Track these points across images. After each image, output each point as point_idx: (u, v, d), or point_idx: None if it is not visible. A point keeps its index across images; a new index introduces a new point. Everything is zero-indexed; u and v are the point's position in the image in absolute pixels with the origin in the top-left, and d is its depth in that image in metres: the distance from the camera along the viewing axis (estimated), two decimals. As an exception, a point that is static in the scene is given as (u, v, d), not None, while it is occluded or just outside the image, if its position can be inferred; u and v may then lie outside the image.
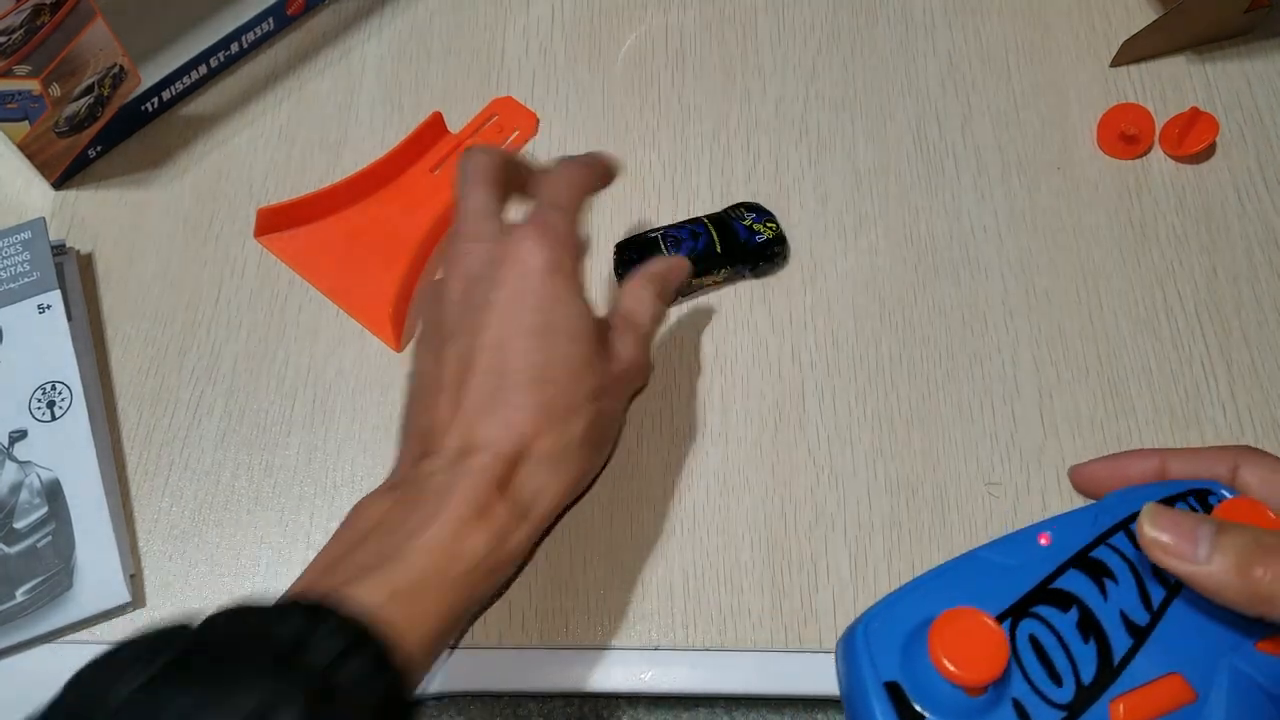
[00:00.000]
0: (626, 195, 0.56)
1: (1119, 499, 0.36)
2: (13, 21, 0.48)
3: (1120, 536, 0.34)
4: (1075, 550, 0.34)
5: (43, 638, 0.46)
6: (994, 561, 0.34)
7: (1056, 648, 0.32)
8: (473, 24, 0.62)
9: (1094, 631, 0.33)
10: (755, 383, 0.51)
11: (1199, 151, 0.56)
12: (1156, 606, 0.33)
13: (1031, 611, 0.33)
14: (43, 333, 0.50)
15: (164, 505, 0.49)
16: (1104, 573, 0.34)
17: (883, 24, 0.61)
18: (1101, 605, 0.33)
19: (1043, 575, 0.34)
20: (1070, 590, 0.33)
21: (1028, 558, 0.34)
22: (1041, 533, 0.35)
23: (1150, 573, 0.34)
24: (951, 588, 0.34)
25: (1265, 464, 0.35)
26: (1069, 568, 0.34)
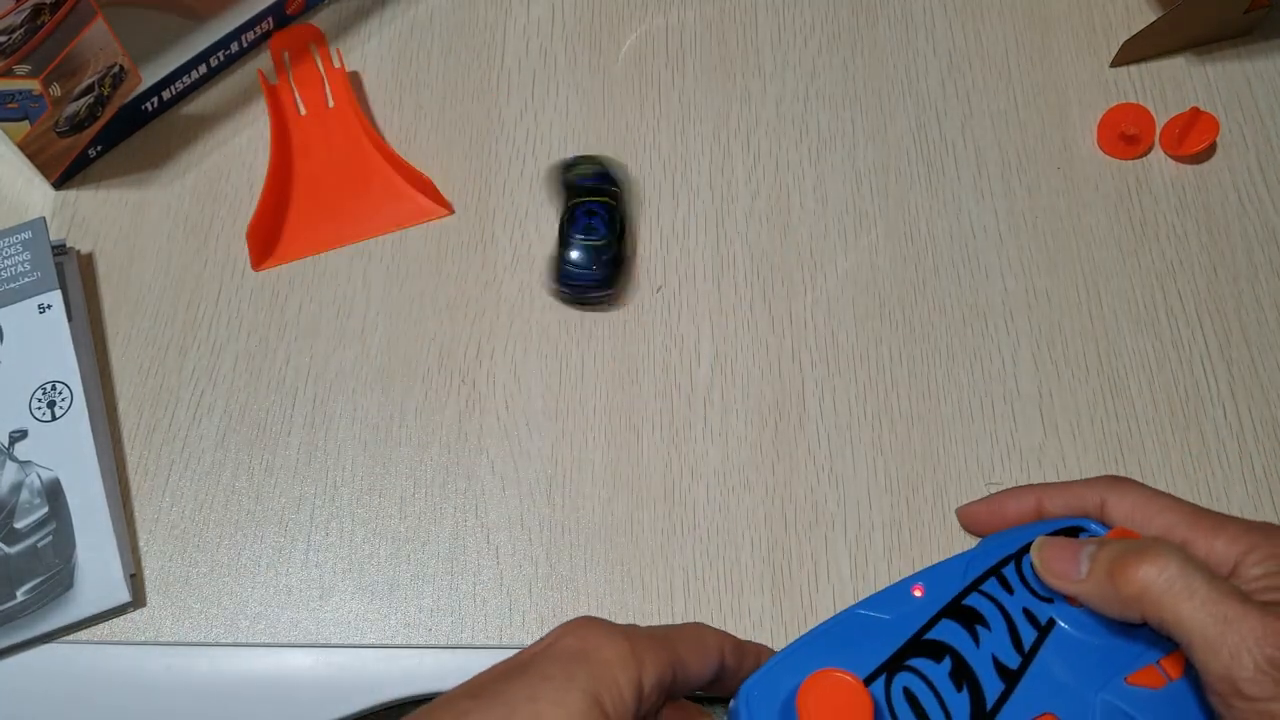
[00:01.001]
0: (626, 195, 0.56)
1: (991, 545, 0.37)
2: (13, 21, 0.48)
3: (992, 582, 0.35)
4: (948, 599, 0.35)
5: (43, 637, 0.46)
6: (870, 618, 0.35)
7: (930, 699, 0.33)
8: (473, 24, 0.62)
9: (967, 679, 0.33)
10: (755, 383, 0.51)
11: (1199, 151, 0.56)
12: (1028, 649, 0.34)
13: (906, 665, 0.34)
14: (43, 333, 0.50)
15: (164, 505, 0.49)
16: (976, 620, 0.35)
17: (883, 24, 0.61)
18: (974, 652, 0.34)
19: (917, 627, 0.35)
20: (943, 640, 0.34)
21: (903, 611, 0.35)
22: (915, 585, 0.36)
23: (1021, 615, 0.35)
24: (829, 648, 0.34)
25: (1130, 494, 0.36)
26: (942, 618, 0.35)
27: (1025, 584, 0.36)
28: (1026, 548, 0.37)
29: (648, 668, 0.30)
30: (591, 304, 0.52)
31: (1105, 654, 0.34)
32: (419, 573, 0.48)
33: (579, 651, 0.31)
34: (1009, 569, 0.36)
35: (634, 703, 0.30)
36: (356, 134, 0.58)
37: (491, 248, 0.55)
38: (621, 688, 0.30)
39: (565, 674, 0.30)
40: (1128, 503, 0.36)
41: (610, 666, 0.30)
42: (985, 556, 0.36)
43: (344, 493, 0.50)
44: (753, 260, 0.54)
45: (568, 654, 0.31)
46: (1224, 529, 0.34)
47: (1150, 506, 0.36)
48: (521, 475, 0.50)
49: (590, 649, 0.30)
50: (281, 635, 0.47)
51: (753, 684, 0.34)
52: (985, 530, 0.42)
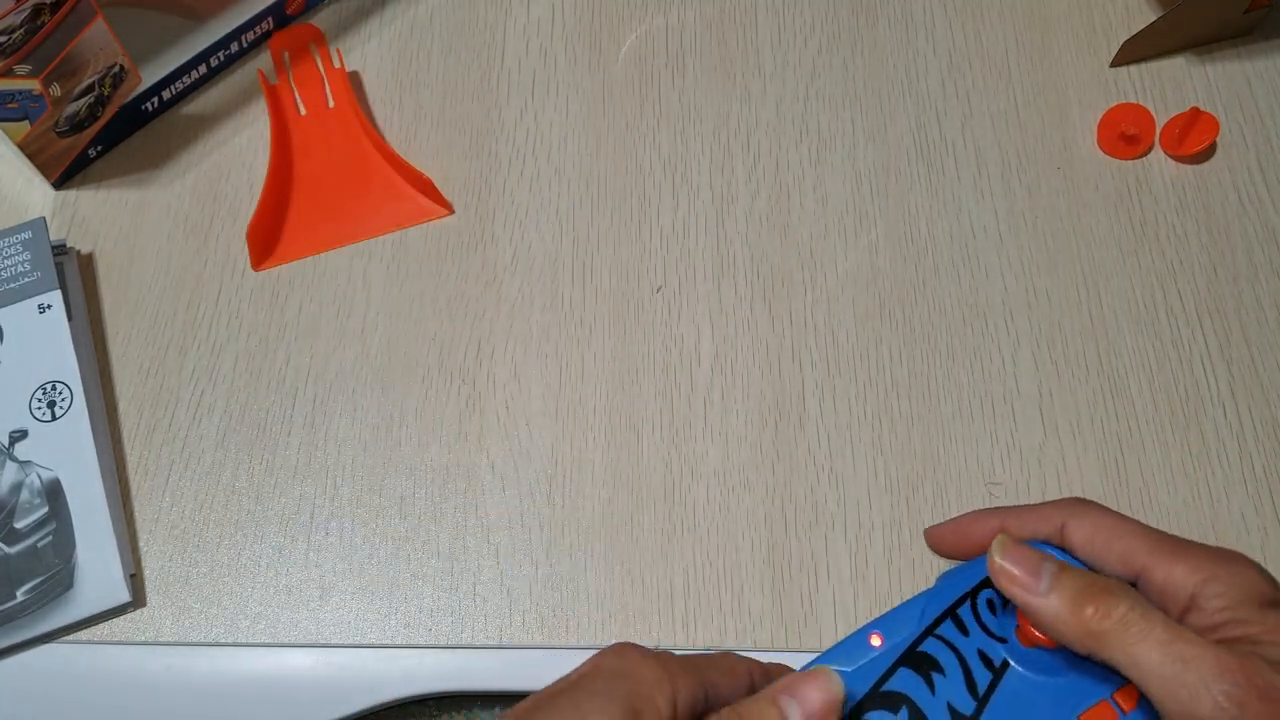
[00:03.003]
0: (626, 195, 0.56)
1: (946, 584, 0.37)
2: (13, 21, 0.48)
3: (948, 625, 0.36)
4: (904, 647, 0.35)
5: (43, 637, 0.46)
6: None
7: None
8: (473, 24, 0.62)
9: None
10: (755, 383, 0.51)
11: (1199, 151, 0.56)
12: (982, 692, 0.34)
13: (863, 716, 0.35)
14: (43, 333, 0.50)
15: (164, 505, 0.49)
16: (932, 666, 0.35)
17: (883, 24, 0.61)
18: (929, 700, 0.34)
19: (875, 679, 0.35)
20: (900, 691, 0.35)
21: (862, 661, 0.35)
22: (873, 633, 0.36)
23: (976, 658, 0.35)
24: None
25: (1089, 518, 0.36)
26: (899, 667, 0.35)
27: (980, 624, 0.36)
28: (981, 585, 0.37)
29: (681, 688, 0.33)
30: None
31: (1058, 692, 0.34)
32: (419, 573, 0.48)
33: (619, 671, 0.33)
34: (964, 609, 0.36)
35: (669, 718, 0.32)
36: (356, 134, 0.58)
37: (491, 248, 0.55)
38: (658, 704, 0.32)
39: (607, 690, 0.32)
40: (1087, 526, 0.36)
41: (648, 684, 0.32)
42: (940, 598, 0.37)
43: (344, 493, 0.50)
44: (753, 260, 0.54)
45: (609, 673, 0.33)
46: (1183, 557, 0.34)
47: (1110, 531, 0.36)
48: (521, 475, 0.50)
49: (629, 668, 0.33)
50: (281, 635, 0.47)
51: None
52: (950, 551, 0.42)
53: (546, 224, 0.56)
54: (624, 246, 0.55)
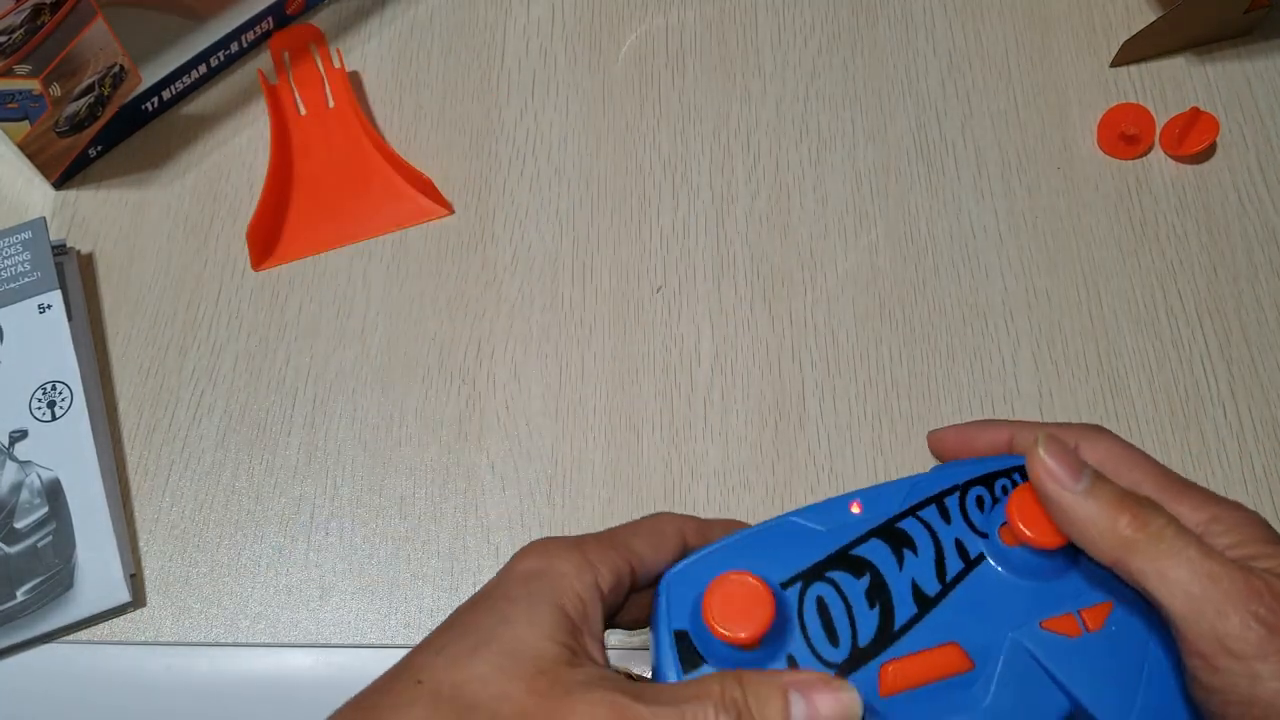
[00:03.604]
0: (626, 195, 0.56)
1: (943, 472, 0.36)
2: (13, 21, 0.48)
3: (931, 509, 0.35)
4: (883, 520, 0.35)
5: (43, 637, 0.46)
6: (803, 526, 0.35)
7: (841, 611, 0.33)
8: (473, 24, 0.62)
9: (881, 598, 0.34)
10: (755, 383, 0.51)
11: (1199, 151, 0.56)
12: (950, 579, 0.34)
13: (826, 576, 0.34)
14: (43, 333, 0.50)
15: (164, 505, 0.49)
16: (906, 543, 0.35)
17: (883, 24, 0.61)
18: (895, 574, 0.34)
19: (845, 542, 0.35)
20: (868, 558, 0.34)
21: (836, 524, 0.35)
22: (854, 501, 0.35)
23: (952, 545, 0.35)
24: (757, 550, 0.35)
25: (1103, 444, 0.36)
26: (873, 537, 0.35)
27: (965, 516, 0.35)
28: (976, 481, 0.36)
29: (603, 571, 0.32)
30: None
31: (1027, 595, 0.34)
32: (419, 573, 0.48)
33: (536, 570, 0.32)
34: (953, 499, 0.36)
35: (596, 605, 0.32)
36: (356, 134, 0.58)
37: (491, 248, 0.55)
38: (580, 594, 0.31)
39: (528, 592, 0.31)
40: (1100, 450, 0.36)
41: (567, 577, 0.31)
42: (932, 483, 0.36)
43: (344, 493, 0.50)
44: (753, 260, 0.54)
45: (526, 574, 0.32)
46: (1189, 495, 0.34)
47: (1121, 459, 0.35)
48: (521, 475, 0.50)
49: (545, 566, 0.32)
50: (281, 635, 0.47)
51: (675, 574, 0.34)
52: (948, 456, 0.41)
53: (546, 224, 0.56)
54: (624, 246, 0.55)
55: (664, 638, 0.34)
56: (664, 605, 0.34)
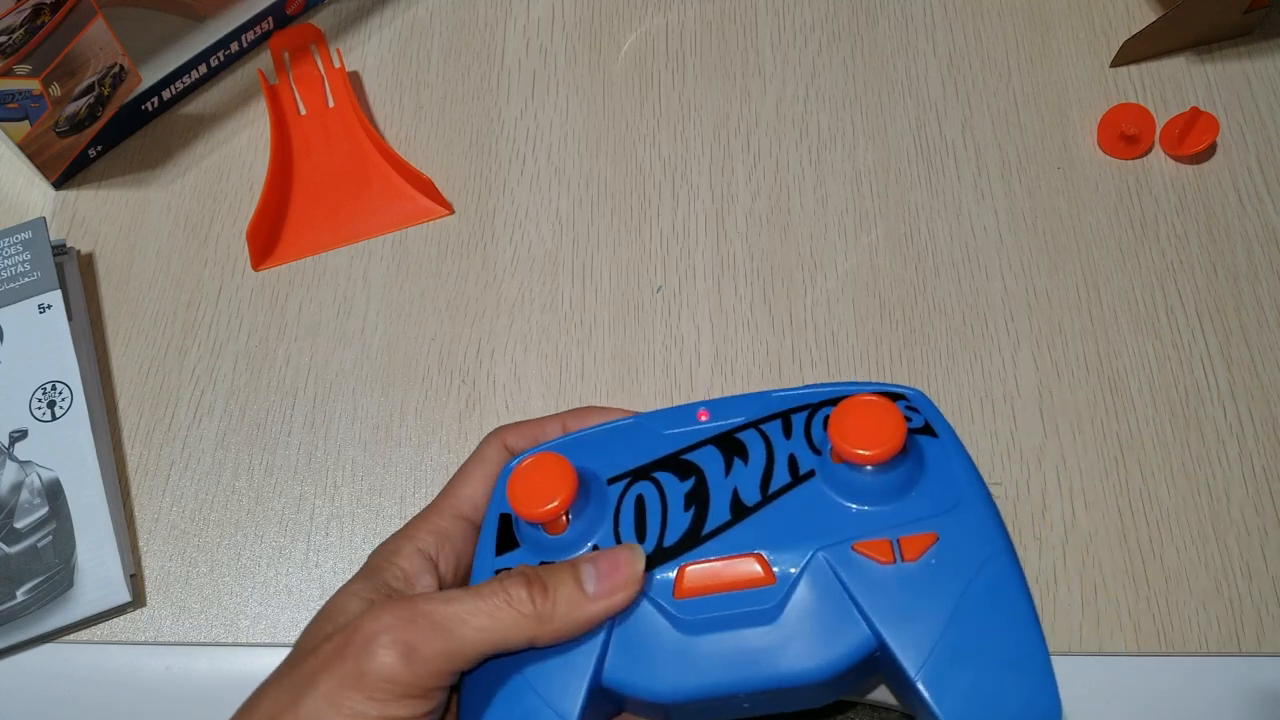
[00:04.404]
0: (626, 195, 0.56)
1: (798, 391, 0.36)
2: (13, 21, 0.48)
3: (775, 424, 0.35)
4: (725, 429, 0.35)
5: (43, 637, 0.46)
6: (649, 429, 0.35)
7: (655, 511, 0.33)
8: (473, 24, 0.62)
9: (697, 502, 0.33)
10: (755, 383, 0.51)
11: (1199, 151, 0.56)
12: (772, 490, 0.33)
13: (651, 476, 0.34)
14: (43, 333, 0.50)
15: (164, 505, 0.49)
16: (739, 452, 0.34)
17: (883, 24, 0.61)
18: (720, 481, 0.34)
19: (682, 445, 0.34)
20: (696, 463, 0.34)
21: (681, 429, 0.35)
22: (702, 410, 0.35)
23: (784, 460, 0.34)
24: (596, 447, 0.35)
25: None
26: (709, 444, 0.34)
27: (808, 433, 0.35)
28: (829, 403, 0.35)
29: (422, 537, 0.35)
30: None
31: (848, 517, 0.33)
32: (419, 573, 0.48)
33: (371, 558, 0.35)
34: (800, 415, 0.35)
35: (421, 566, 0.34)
36: (356, 134, 0.58)
37: (491, 248, 0.55)
38: (400, 564, 0.34)
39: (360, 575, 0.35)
40: None
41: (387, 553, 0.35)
42: (786, 400, 0.35)
43: (344, 493, 0.50)
44: (753, 260, 0.54)
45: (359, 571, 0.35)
46: None
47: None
48: (521, 475, 0.50)
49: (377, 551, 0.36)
50: (281, 635, 0.47)
51: (515, 464, 0.35)
52: None
53: (546, 224, 0.56)
54: (624, 246, 0.55)
55: (490, 519, 0.35)
56: (497, 490, 0.35)
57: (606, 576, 0.32)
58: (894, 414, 0.32)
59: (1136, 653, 0.45)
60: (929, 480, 0.34)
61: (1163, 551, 0.47)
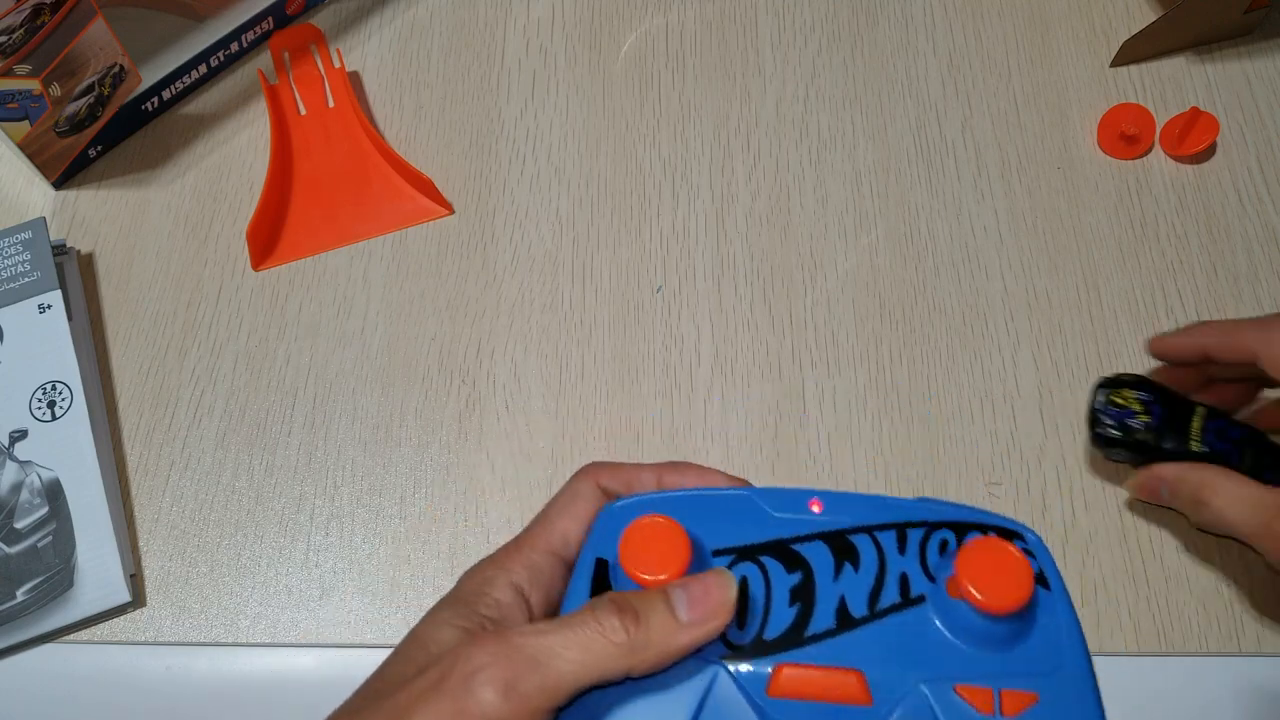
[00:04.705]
0: (626, 195, 0.56)
1: (914, 504, 0.35)
2: (13, 21, 0.48)
3: (890, 534, 0.34)
4: (838, 527, 0.34)
5: (43, 637, 0.46)
6: (759, 505, 0.35)
7: (760, 598, 0.33)
8: (473, 24, 0.62)
9: (803, 600, 0.33)
10: (755, 383, 0.51)
11: (1199, 151, 0.56)
12: (880, 608, 0.33)
13: (758, 559, 0.33)
14: (43, 333, 0.50)
15: (164, 505, 0.49)
16: (850, 556, 0.33)
17: (883, 24, 0.61)
18: (828, 584, 0.33)
19: (792, 534, 0.34)
20: (806, 557, 0.33)
21: (791, 514, 0.34)
22: (817, 499, 0.35)
23: (896, 577, 0.33)
24: (705, 511, 0.34)
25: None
26: (820, 539, 0.34)
27: (922, 554, 0.34)
28: (948, 524, 0.35)
29: (516, 570, 0.34)
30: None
31: (953, 654, 0.32)
32: (419, 573, 0.48)
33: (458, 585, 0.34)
34: (916, 532, 0.34)
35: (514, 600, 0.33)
36: (356, 134, 0.58)
37: (491, 248, 0.55)
38: (495, 597, 0.33)
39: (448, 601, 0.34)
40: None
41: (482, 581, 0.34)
42: (902, 510, 0.35)
43: (344, 493, 0.50)
44: (753, 260, 0.54)
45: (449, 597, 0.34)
46: None
47: None
48: (521, 475, 0.50)
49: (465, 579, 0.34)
50: (281, 635, 0.47)
51: (615, 507, 0.35)
52: (1179, 356, 0.46)
53: (546, 224, 0.56)
54: (624, 246, 0.55)
55: (584, 559, 0.34)
56: (595, 531, 0.34)
57: (699, 603, 0.31)
58: (1024, 567, 0.32)
59: (1136, 653, 0.45)
60: (1037, 635, 0.33)
61: (1163, 551, 0.47)
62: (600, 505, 0.35)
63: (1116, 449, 0.46)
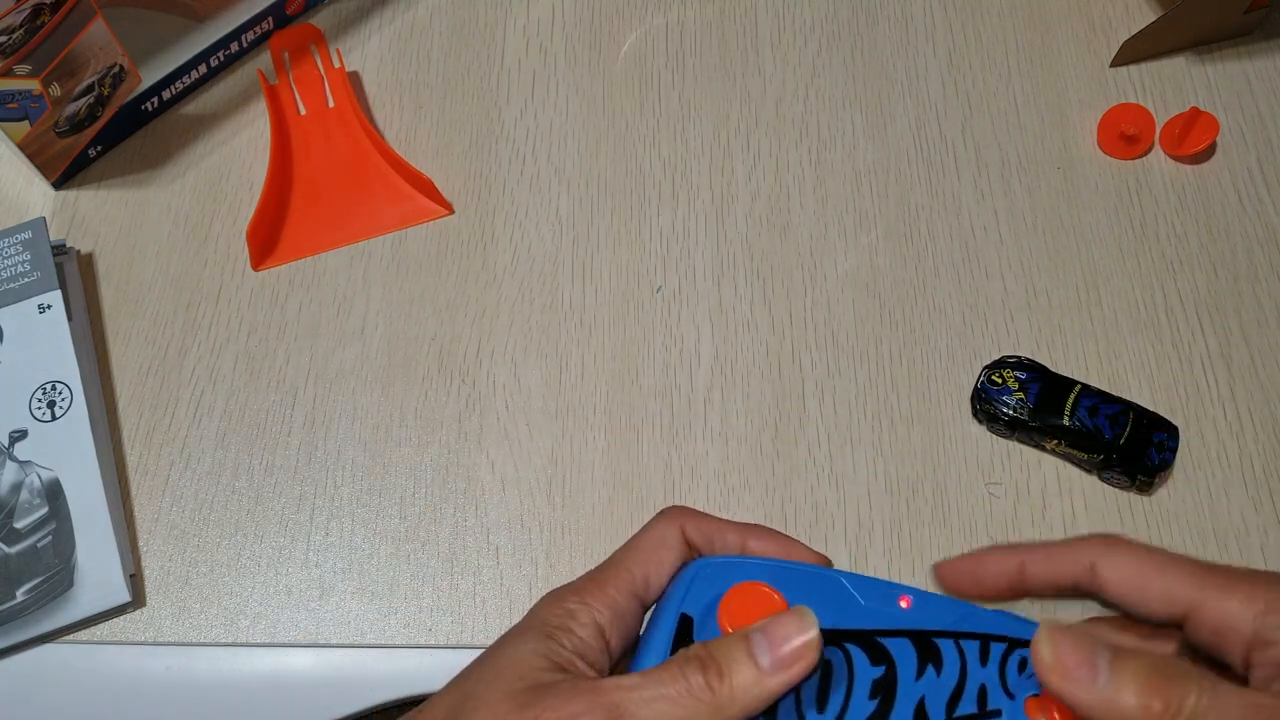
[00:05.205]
0: (626, 195, 0.56)
1: (999, 618, 0.35)
2: (13, 21, 0.48)
3: (974, 645, 0.34)
4: (924, 627, 0.34)
5: (43, 637, 0.46)
6: (846, 589, 0.34)
7: (842, 686, 0.33)
8: (473, 24, 0.62)
9: (884, 696, 0.33)
10: (755, 383, 0.51)
11: (1199, 151, 0.56)
12: (956, 716, 0.33)
13: (844, 646, 0.33)
14: (43, 333, 0.50)
15: (164, 505, 0.49)
16: (934, 660, 0.33)
17: (883, 24, 0.61)
18: (910, 682, 0.33)
19: (877, 626, 0.34)
20: (891, 652, 0.33)
21: (878, 605, 0.34)
22: (906, 595, 0.34)
23: (975, 688, 0.33)
24: (794, 585, 0.34)
25: (1122, 556, 0.33)
26: (906, 636, 0.34)
27: (1002, 669, 0.34)
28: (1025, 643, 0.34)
29: (598, 607, 0.33)
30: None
31: None
32: (419, 573, 0.48)
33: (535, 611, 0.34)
34: (999, 646, 0.34)
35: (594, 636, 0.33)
36: (356, 134, 0.58)
37: (491, 248, 0.55)
38: (575, 631, 0.33)
39: (524, 626, 0.33)
40: (1122, 565, 0.33)
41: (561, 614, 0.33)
42: (989, 622, 0.35)
43: (344, 493, 0.50)
44: (753, 260, 0.54)
45: (524, 624, 0.34)
46: (1235, 588, 0.31)
47: (1148, 568, 0.33)
48: (521, 475, 0.50)
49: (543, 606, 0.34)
50: (281, 635, 0.47)
51: (707, 562, 0.34)
52: (961, 587, 0.38)
53: (546, 224, 0.56)
54: (624, 246, 0.55)
55: (668, 613, 0.34)
56: (682, 585, 0.34)
57: (781, 645, 0.31)
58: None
59: (1136, 653, 0.45)
60: None
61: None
62: (684, 555, 0.35)
63: (995, 425, 0.49)
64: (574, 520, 0.49)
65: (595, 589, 0.34)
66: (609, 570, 0.35)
